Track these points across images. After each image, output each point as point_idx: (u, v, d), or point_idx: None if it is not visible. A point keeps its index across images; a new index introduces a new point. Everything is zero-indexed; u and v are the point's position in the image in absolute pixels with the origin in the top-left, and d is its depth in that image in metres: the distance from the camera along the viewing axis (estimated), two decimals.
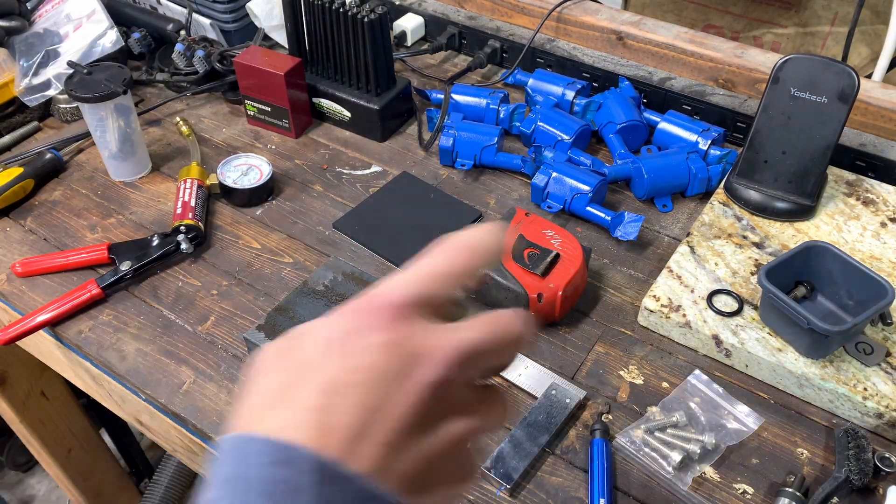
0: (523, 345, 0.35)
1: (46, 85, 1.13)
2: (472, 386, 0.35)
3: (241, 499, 0.29)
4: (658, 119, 1.05)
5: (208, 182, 1.00)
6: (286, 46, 1.19)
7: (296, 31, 1.10)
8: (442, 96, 1.13)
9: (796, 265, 0.80)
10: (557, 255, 0.83)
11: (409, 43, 1.28)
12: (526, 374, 0.79)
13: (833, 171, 0.98)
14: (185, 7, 1.23)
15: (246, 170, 1.01)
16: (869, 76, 1.19)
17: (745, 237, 0.90)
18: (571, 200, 0.95)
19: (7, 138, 1.12)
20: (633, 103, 1.06)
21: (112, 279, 0.88)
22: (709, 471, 0.71)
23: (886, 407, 0.72)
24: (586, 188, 0.94)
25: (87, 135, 1.10)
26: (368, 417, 0.31)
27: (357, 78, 1.08)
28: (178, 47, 1.15)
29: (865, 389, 0.73)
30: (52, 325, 0.87)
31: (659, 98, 1.10)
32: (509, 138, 1.11)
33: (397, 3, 1.30)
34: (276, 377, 0.32)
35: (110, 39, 1.16)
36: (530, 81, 1.13)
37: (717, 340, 0.79)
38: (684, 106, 1.09)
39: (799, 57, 0.86)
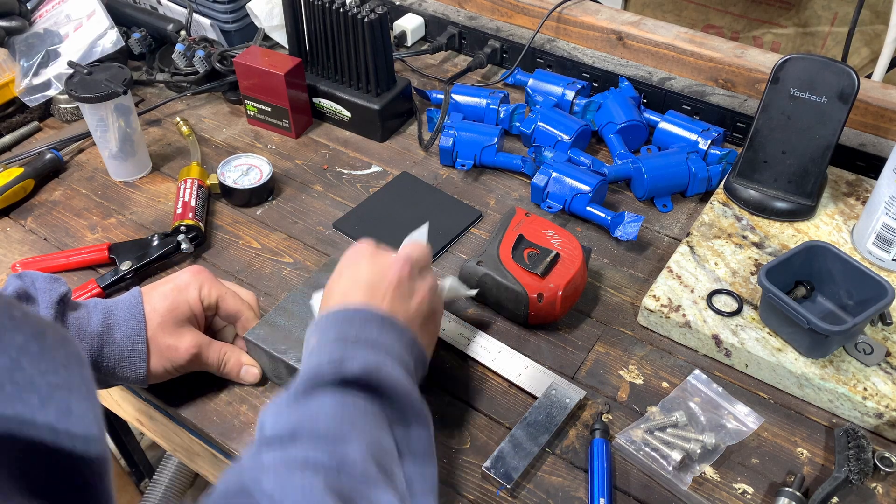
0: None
1: (47, 85, 1.13)
2: (418, 272, 0.70)
3: (340, 328, 0.62)
4: (658, 119, 1.05)
5: (208, 182, 1.00)
6: (286, 46, 1.19)
7: (296, 31, 1.10)
8: (442, 96, 1.13)
9: (796, 265, 0.80)
10: (557, 255, 0.83)
11: (409, 43, 1.28)
12: (526, 374, 0.79)
13: (833, 171, 0.98)
14: (186, 7, 1.23)
15: (246, 170, 1.01)
16: (869, 76, 1.19)
17: (744, 237, 0.90)
18: (571, 200, 0.95)
19: (7, 138, 1.12)
20: (633, 103, 1.06)
21: (112, 279, 0.88)
22: (709, 471, 0.71)
23: (886, 407, 0.72)
24: (586, 188, 0.94)
25: (87, 135, 1.10)
26: (383, 291, 0.65)
27: (357, 78, 1.08)
28: (179, 47, 1.16)
29: (865, 389, 0.73)
30: None
31: (659, 98, 1.10)
32: (509, 138, 1.11)
33: (397, 3, 1.30)
34: (350, 283, 0.67)
35: (110, 39, 1.16)
36: (530, 81, 1.13)
37: (717, 340, 0.79)
38: (684, 106, 1.09)
39: (799, 57, 0.86)
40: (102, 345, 0.69)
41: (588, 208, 0.95)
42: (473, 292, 0.82)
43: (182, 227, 0.92)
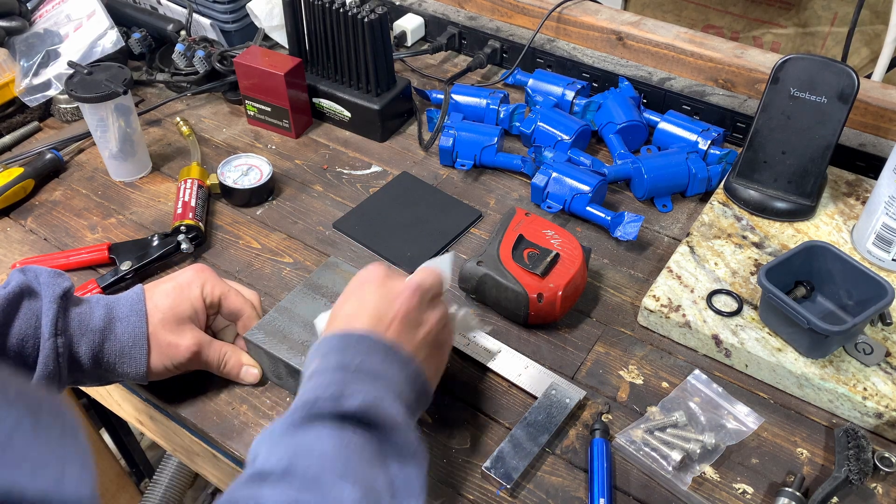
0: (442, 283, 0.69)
1: (47, 85, 1.13)
2: (429, 300, 0.67)
3: (342, 354, 0.60)
4: (658, 119, 1.05)
5: (208, 182, 1.00)
6: (286, 46, 1.19)
7: (296, 31, 1.10)
8: (442, 96, 1.13)
9: (796, 265, 0.80)
10: (557, 255, 0.83)
11: (409, 43, 1.28)
12: (526, 374, 0.79)
13: (833, 171, 0.98)
14: (186, 7, 1.23)
15: (246, 170, 1.01)
16: (869, 76, 1.19)
17: (744, 237, 0.90)
18: (571, 200, 0.95)
19: (7, 138, 1.12)
20: (632, 103, 1.06)
21: (112, 279, 0.88)
22: (708, 471, 0.71)
23: (886, 407, 0.72)
24: (586, 188, 0.94)
25: (87, 135, 1.10)
26: (390, 319, 0.63)
27: (357, 78, 1.08)
28: (179, 47, 1.16)
29: (865, 389, 0.73)
30: None
31: (659, 98, 1.10)
32: (509, 138, 1.11)
33: (397, 3, 1.31)
34: (356, 307, 0.65)
35: (110, 40, 1.16)
36: (530, 81, 1.13)
37: (717, 340, 0.79)
38: (684, 106, 1.09)
39: (799, 57, 0.86)
40: (104, 340, 0.69)
41: (588, 208, 0.95)
42: (484, 329, 0.81)
43: (182, 227, 0.92)
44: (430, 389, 0.65)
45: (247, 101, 1.12)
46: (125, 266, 0.89)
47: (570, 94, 1.09)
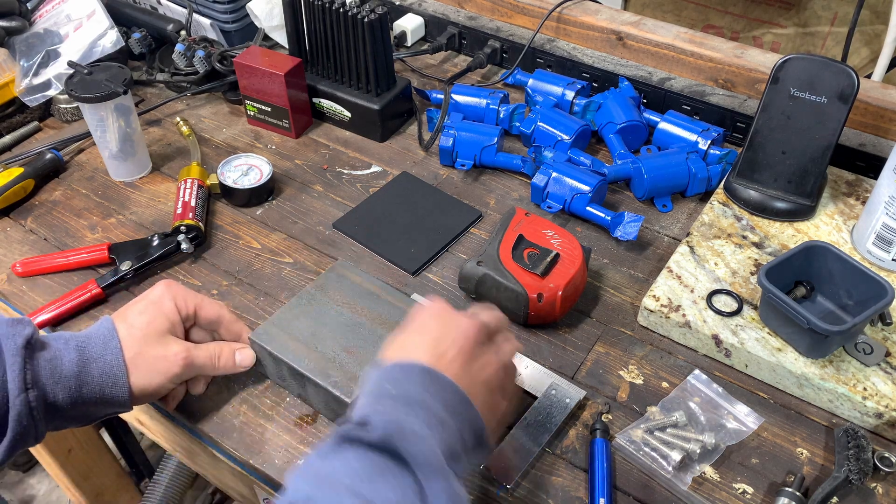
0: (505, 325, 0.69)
1: (47, 85, 1.13)
2: (489, 339, 0.65)
3: (388, 383, 0.58)
4: (658, 119, 1.05)
5: (208, 182, 1.00)
6: (286, 46, 1.19)
7: (296, 31, 1.10)
8: (442, 96, 1.13)
9: (796, 265, 0.80)
10: (557, 255, 0.83)
11: (409, 43, 1.28)
12: (526, 373, 0.79)
13: (833, 171, 0.98)
14: (186, 7, 1.23)
15: (246, 170, 1.01)
16: (869, 76, 1.19)
17: (744, 237, 0.90)
18: (571, 200, 0.95)
19: (7, 138, 1.12)
20: (632, 103, 1.06)
21: (112, 279, 0.88)
22: (708, 470, 0.71)
23: (886, 407, 0.72)
24: (586, 188, 0.94)
25: (87, 135, 1.10)
26: (448, 350, 0.61)
27: (357, 78, 1.08)
28: (179, 47, 1.16)
29: (865, 389, 0.73)
30: (53, 325, 0.87)
31: (659, 98, 1.10)
32: (509, 138, 1.11)
33: (397, 3, 1.31)
34: (414, 336, 0.63)
35: (110, 39, 1.16)
36: (530, 81, 1.13)
37: (717, 340, 0.79)
38: (684, 106, 1.09)
39: (799, 57, 0.86)
40: (80, 385, 0.66)
41: (588, 208, 0.95)
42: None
43: (182, 227, 0.92)
44: (487, 435, 0.60)
45: (247, 101, 1.12)
46: (125, 266, 0.89)
47: (570, 94, 1.09)
